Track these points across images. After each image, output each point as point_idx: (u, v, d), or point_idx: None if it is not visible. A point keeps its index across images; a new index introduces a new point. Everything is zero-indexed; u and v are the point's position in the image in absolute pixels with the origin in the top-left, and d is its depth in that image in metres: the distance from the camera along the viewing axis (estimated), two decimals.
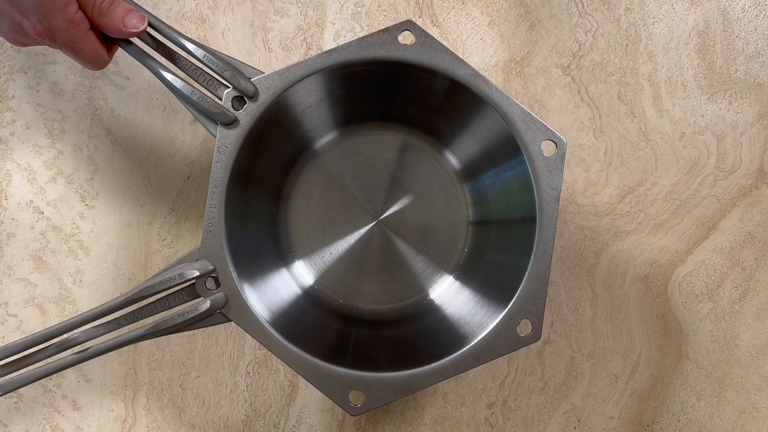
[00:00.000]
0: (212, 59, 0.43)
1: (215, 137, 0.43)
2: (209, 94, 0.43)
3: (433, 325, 0.49)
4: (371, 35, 0.44)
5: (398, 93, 0.47)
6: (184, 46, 0.43)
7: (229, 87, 0.43)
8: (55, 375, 0.52)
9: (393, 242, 0.50)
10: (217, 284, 0.43)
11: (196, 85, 0.43)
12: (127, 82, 0.53)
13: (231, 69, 0.43)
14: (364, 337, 0.49)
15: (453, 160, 0.50)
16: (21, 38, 0.42)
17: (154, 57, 0.43)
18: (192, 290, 0.43)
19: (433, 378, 0.43)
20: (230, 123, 0.43)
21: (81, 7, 0.40)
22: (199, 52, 0.43)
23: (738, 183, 0.54)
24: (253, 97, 0.43)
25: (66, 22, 0.40)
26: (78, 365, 0.52)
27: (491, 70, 0.53)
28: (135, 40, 0.43)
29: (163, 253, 0.53)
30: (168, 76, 0.43)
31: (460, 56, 0.44)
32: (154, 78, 0.53)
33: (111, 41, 0.43)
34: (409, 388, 0.43)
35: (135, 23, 0.41)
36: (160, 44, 0.43)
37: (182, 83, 0.43)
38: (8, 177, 0.53)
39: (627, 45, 0.54)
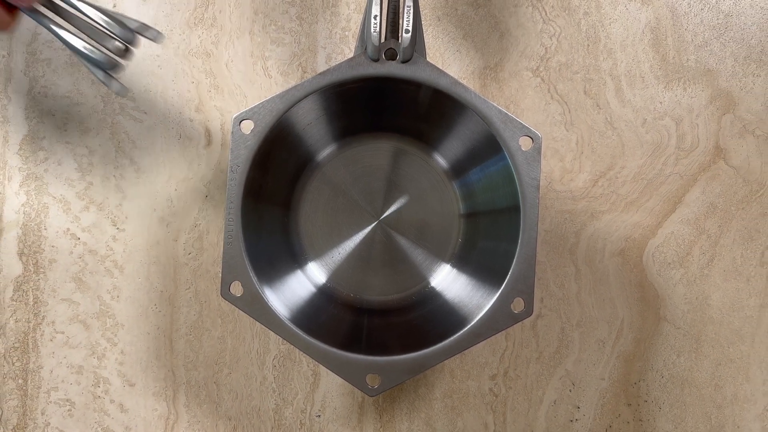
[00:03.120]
0: (101, 16, 0.44)
1: (107, 87, 0.45)
2: (99, 46, 0.44)
3: (436, 309, 0.49)
4: (359, 55, 0.44)
5: (387, 105, 0.47)
6: (77, 6, 0.44)
7: (115, 39, 0.44)
8: (102, 382, 0.52)
9: (394, 239, 0.50)
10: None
11: (88, 40, 0.44)
12: (145, 115, 0.53)
13: (117, 23, 0.44)
14: (375, 326, 0.49)
15: (441, 161, 0.50)
16: None
17: (52, 18, 0.44)
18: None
19: (440, 357, 0.43)
20: (113, 68, 0.44)
21: None
22: (91, 11, 0.44)
23: (697, 160, 0.54)
24: (132, 43, 0.44)
25: None
26: (121, 372, 0.52)
27: (469, 78, 0.53)
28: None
29: (190, 265, 0.53)
30: (63, 33, 0.44)
31: (440, 67, 0.44)
32: (169, 110, 0.53)
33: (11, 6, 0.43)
34: (419, 368, 0.43)
35: None
36: (54, 5, 0.44)
37: (75, 39, 0.44)
38: (45, 209, 0.53)
39: (588, 45, 0.54)
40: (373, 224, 0.50)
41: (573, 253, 0.53)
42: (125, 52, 0.44)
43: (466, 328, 0.43)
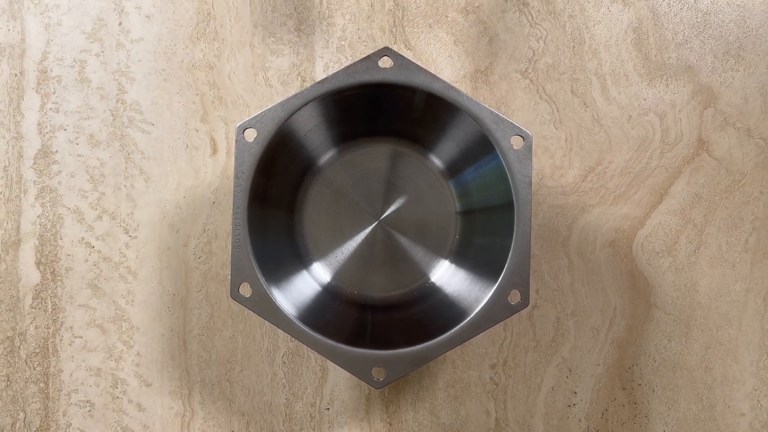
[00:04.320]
0: None
1: None
2: None
3: (437, 303, 0.49)
4: (355, 63, 0.44)
5: (384, 110, 0.48)
6: None
7: None
8: (120, 383, 0.52)
9: (394, 237, 0.51)
10: None
11: None
12: (152, 127, 0.53)
13: None
14: (378, 321, 0.49)
15: (437, 162, 0.51)
16: None
17: None
18: None
19: (442, 349, 0.44)
20: None
21: None
22: None
23: (682, 153, 0.54)
24: None
25: None
26: (138, 373, 0.52)
27: (461, 82, 0.54)
28: None
29: (200, 269, 0.53)
30: None
31: (433, 73, 0.44)
32: (175, 121, 0.53)
33: None
34: (422, 360, 0.44)
35: None
36: None
37: None
38: (61, 220, 0.53)
39: (574, 46, 0.54)
40: (374, 224, 0.51)
41: (566, 245, 0.54)
42: None
43: (465, 321, 0.44)
